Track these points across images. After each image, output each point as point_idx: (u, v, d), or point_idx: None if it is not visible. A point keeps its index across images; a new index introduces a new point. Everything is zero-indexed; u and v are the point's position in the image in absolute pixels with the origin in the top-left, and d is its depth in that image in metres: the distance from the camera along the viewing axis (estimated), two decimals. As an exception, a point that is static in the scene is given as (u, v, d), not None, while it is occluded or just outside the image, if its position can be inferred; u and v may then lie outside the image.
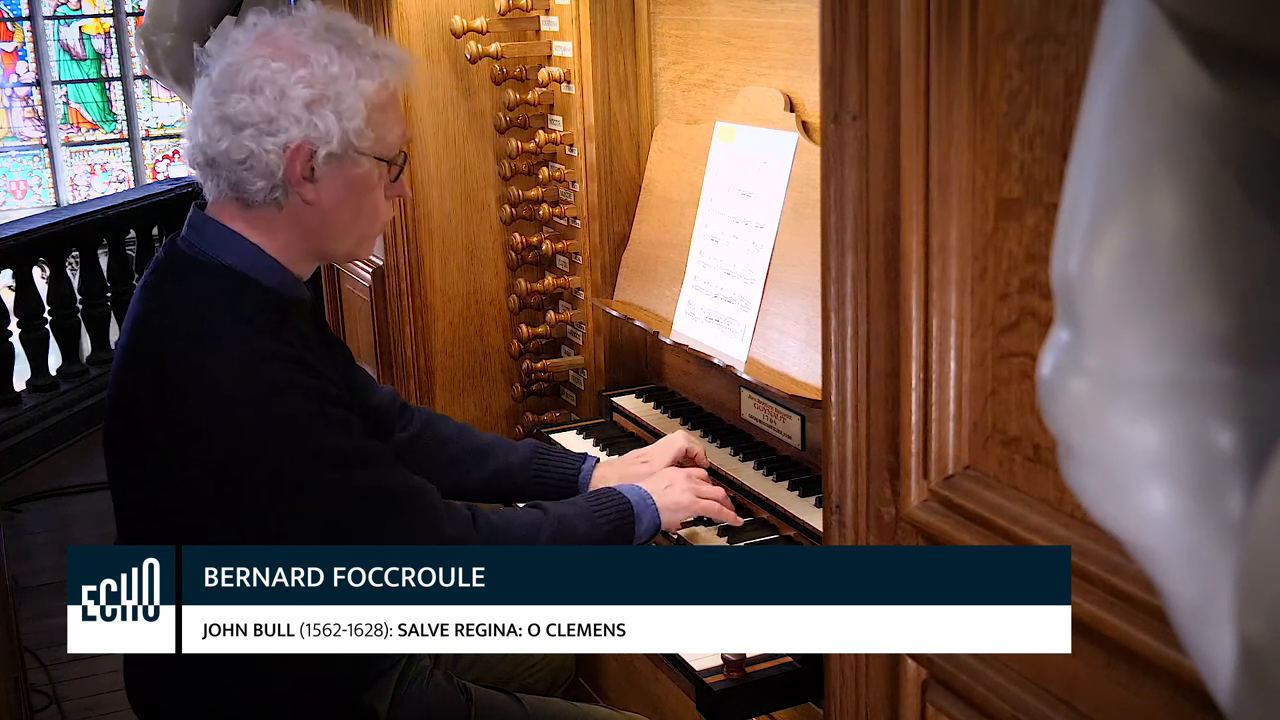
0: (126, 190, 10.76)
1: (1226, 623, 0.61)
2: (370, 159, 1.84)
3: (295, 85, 1.76)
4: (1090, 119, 0.67)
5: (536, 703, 2.22)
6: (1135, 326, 0.64)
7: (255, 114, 1.76)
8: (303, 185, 1.80)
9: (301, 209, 1.83)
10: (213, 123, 1.78)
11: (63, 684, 3.83)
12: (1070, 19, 1.02)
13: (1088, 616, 1.07)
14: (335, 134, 1.78)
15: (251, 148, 1.76)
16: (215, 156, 1.79)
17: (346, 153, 1.81)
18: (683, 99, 2.59)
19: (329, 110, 1.78)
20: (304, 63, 1.78)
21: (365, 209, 1.89)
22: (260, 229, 1.84)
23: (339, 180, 1.83)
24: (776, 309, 2.21)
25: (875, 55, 1.23)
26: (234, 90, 1.77)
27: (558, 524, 1.92)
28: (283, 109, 1.76)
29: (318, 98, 1.77)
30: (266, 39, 1.81)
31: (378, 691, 2.03)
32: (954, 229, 1.18)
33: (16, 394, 5.91)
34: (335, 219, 1.86)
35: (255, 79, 1.76)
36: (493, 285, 3.00)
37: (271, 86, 1.76)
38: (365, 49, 1.84)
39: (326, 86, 1.78)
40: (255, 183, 1.79)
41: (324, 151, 1.78)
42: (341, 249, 1.94)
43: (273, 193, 1.80)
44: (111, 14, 12.71)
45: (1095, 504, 0.68)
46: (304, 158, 1.78)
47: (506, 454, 2.27)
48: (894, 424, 1.29)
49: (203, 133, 1.80)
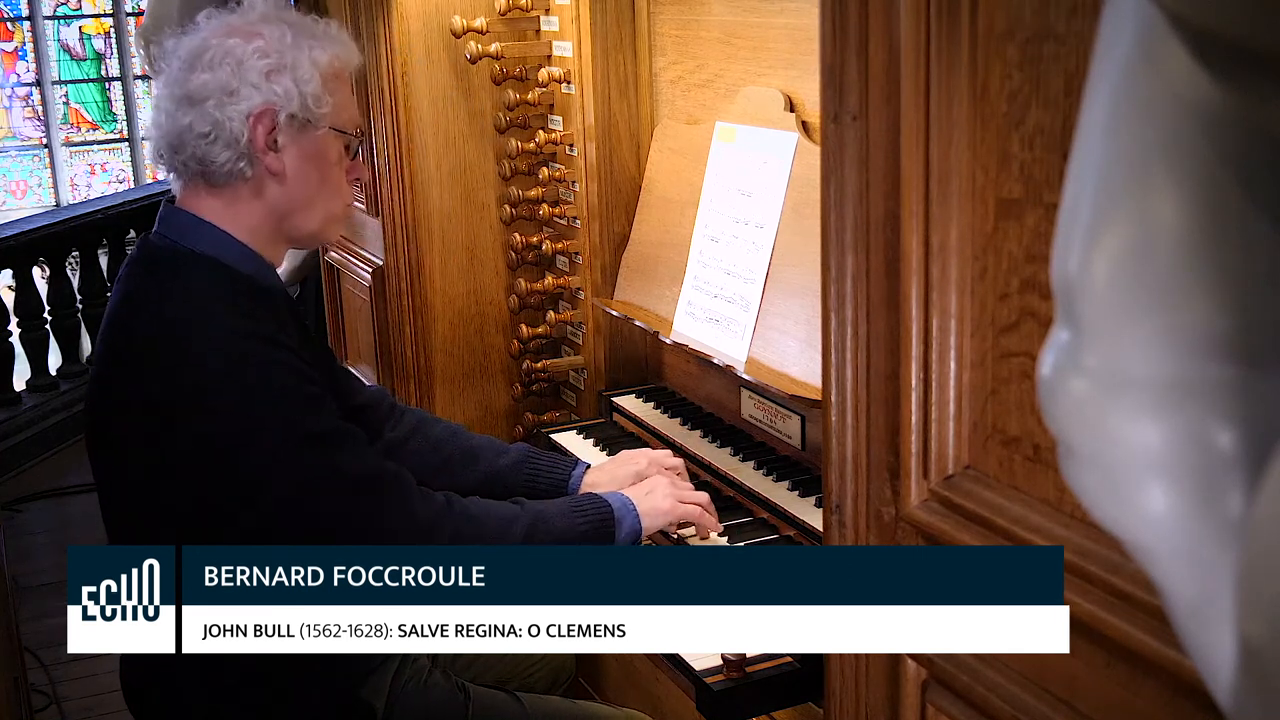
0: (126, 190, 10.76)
1: (1226, 623, 0.61)
2: (329, 131, 1.90)
3: (252, 56, 1.83)
4: (1090, 119, 0.67)
5: (535, 701, 2.22)
6: (1135, 326, 0.64)
7: (214, 86, 1.82)
8: (267, 154, 1.84)
9: (266, 181, 1.86)
10: (174, 106, 1.83)
11: (63, 684, 3.84)
12: (1070, 19, 1.02)
13: (1088, 616, 1.07)
14: (295, 97, 1.84)
15: (215, 116, 1.81)
16: (179, 135, 1.83)
17: (307, 118, 1.86)
18: (683, 99, 2.59)
19: (286, 76, 1.84)
20: (259, 37, 1.85)
21: (329, 183, 1.93)
22: (229, 211, 1.87)
23: (301, 149, 1.87)
24: (776, 309, 2.21)
25: (875, 55, 1.23)
26: (193, 71, 1.83)
27: (534, 518, 1.93)
28: (242, 78, 1.82)
29: (275, 66, 1.84)
30: (219, 26, 1.88)
31: (375, 689, 2.03)
32: (954, 229, 1.18)
33: (16, 394, 5.92)
34: (300, 191, 1.89)
35: (212, 56, 1.82)
36: (493, 285, 3.00)
37: (229, 58, 1.82)
38: (314, 29, 1.92)
39: (282, 56, 1.85)
40: (220, 155, 1.82)
41: (285, 114, 1.84)
42: (308, 226, 1.95)
43: (238, 163, 1.84)
44: (111, 14, 12.72)
45: (1095, 504, 0.68)
46: (267, 124, 1.83)
47: (497, 457, 2.28)
48: (894, 424, 1.29)
49: (165, 118, 1.85)
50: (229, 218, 1.87)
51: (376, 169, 2.98)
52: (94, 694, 3.76)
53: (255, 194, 1.87)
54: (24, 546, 4.81)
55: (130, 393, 1.79)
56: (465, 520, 1.87)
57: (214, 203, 1.87)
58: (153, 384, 1.76)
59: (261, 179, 1.86)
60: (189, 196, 1.89)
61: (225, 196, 1.86)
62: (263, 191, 1.87)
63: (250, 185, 1.86)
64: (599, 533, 1.99)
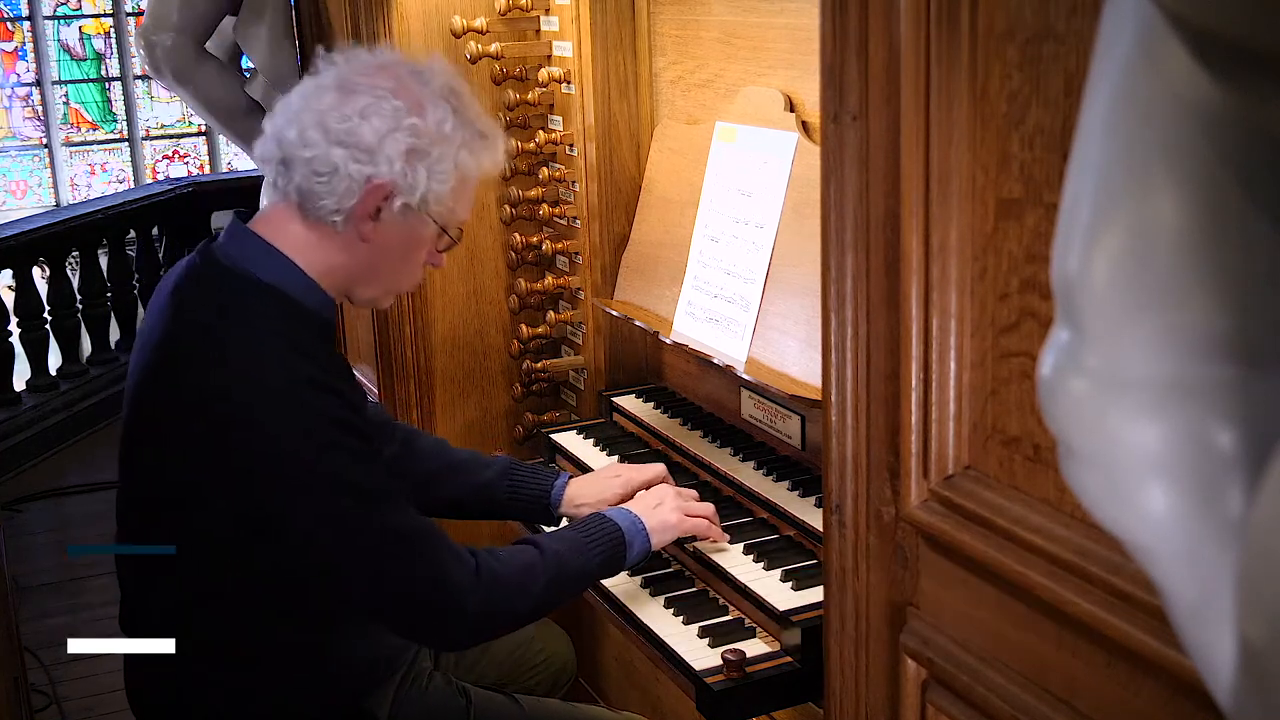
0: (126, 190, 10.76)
1: (1226, 623, 0.61)
2: (434, 225, 1.86)
3: (404, 130, 1.76)
4: (1090, 119, 0.66)
5: (534, 704, 2.22)
6: (1135, 326, 0.64)
7: (355, 138, 1.75)
8: (365, 221, 1.80)
9: (353, 242, 1.82)
10: (310, 126, 1.77)
11: (63, 684, 3.83)
12: (1070, 19, 1.02)
13: (1088, 616, 1.06)
14: (419, 190, 1.79)
15: (337, 164, 1.75)
16: (297, 161, 1.78)
17: (420, 210, 1.81)
18: (683, 99, 2.59)
19: (423, 166, 1.78)
20: (420, 112, 1.78)
21: (408, 265, 1.90)
22: (308, 245, 1.82)
23: (399, 230, 1.83)
24: (776, 309, 2.21)
25: (875, 55, 1.23)
26: (343, 106, 1.76)
27: (554, 562, 1.91)
28: (382, 145, 1.75)
29: (419, 150, 1.78)
30: (392, 74, 1.81)
31: (379, 699, 2.03)
32: (954, 229, 1.18)
33: (16, 394, 5.91)
34: (378, 264, 1.86)
35: (367, 106, 1.76)
36: (493, 285, 3.00)
37: (381, 119, 1.75)
38: (475, 123, 1.85)
39: (431, 144, 1.78)
40: (324, 199, 1.77)
41: (400, 201, 1.79)
42: (367, 293, 1.92)
43: (334, 215, 1.79)
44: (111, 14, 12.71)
45: (1095, 504, 0.68)
46: (379, 198, 1.78)
47: (481, 470, 2.27)
48: (894, 424, 1.29)
49: (295, 131, 1.77)
50: (304, 250, 1.82)
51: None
52: (94, 694, 3.76)
53: (338, 245, 1.82)
54: (24, 546, 4.81)
55: (179, 412, 1.77)
56: (492, 579, 1.84)
57: (298, 230, 1.81)
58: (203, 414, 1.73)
59: (350, 237, 1.81)
60: (276, 213, 1.83)
61: (312, 231, 1.81)
62: (346, 247, 1.82)
63: (338, 237, 1.81)
64: (612, 558, 2.00)
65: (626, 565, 2.03)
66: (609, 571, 2.02)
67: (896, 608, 1.35)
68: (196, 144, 13.11)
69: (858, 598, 1.40)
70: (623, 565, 2.02)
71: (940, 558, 1.27)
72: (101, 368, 6.33)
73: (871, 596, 1.38)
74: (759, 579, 2.01)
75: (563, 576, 1.92)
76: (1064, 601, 1.09)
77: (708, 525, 2.10)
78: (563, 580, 1.93)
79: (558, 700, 2.36)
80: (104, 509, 1.99)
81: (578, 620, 2.95)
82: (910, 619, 1.33)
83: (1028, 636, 1.17)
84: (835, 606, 1.44)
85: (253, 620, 1.85)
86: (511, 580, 1.87)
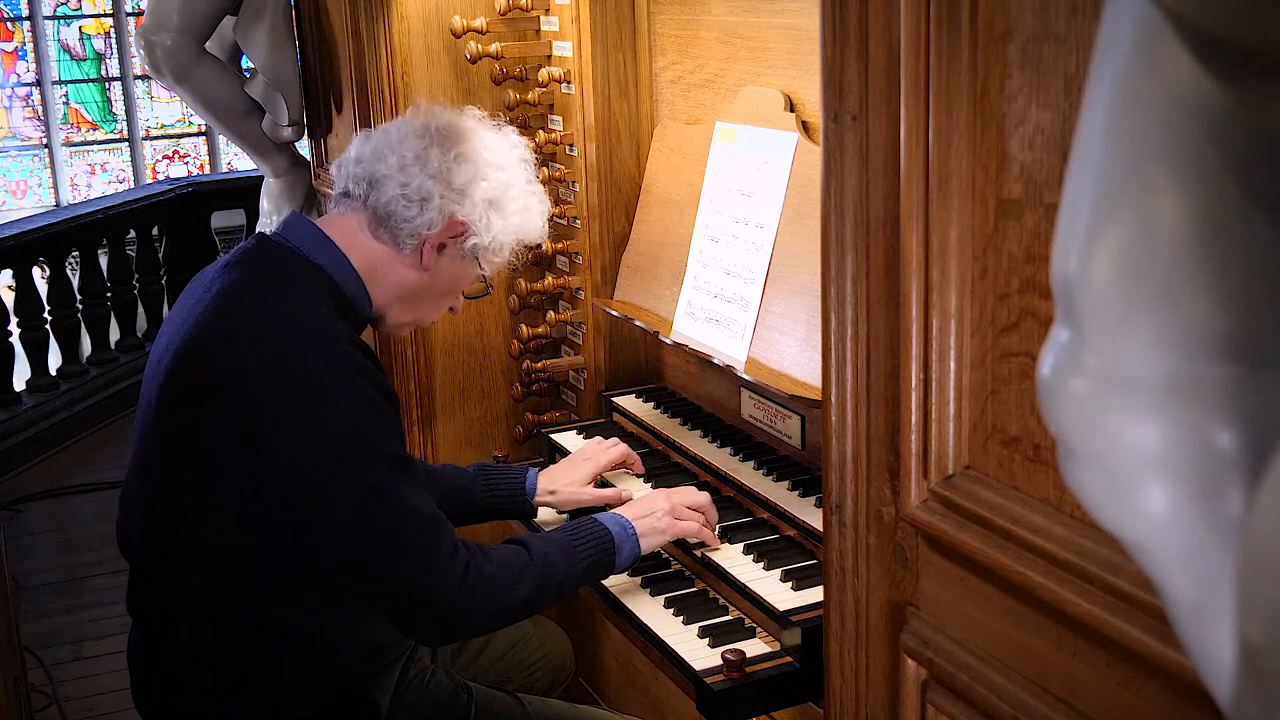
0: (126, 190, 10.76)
1: (1226, 623, 0.61)
2: (483, 271, 2.05)
3: (491, 181, 1.97)
4: (1090, 119, 0.66)
5: (536, 703, 2.23)
6: (1135, 326, 0.64)
7: (449, 176, 1.94)
8: (431, 251, 1.97)
9: (412, 265, 1.99)
10: (411, 161, 1.94)
11: (63, 684, 3.83)
12: (1070, 19, 1.02)
13: (1088, 616, 1.07)
14: (487, 236, 1.98)
15: (426, 197, 1.93)
16: (387, 179, 1.94)
17: (479, 255, 2.00)
18: (683, 99, 2.59)
19: (498, 216, 1.98)
20: (506, 169, 2.02)
21: (442, 301, 2.09)
22: (368, 249, 1.97)
23: (454, 267, 2.02)
24: (776, 309, 2.21)
25: (875, 55, 1.23)
26: (439, 147, 1.95)
27: (542, 564, 1.95)
28: (469, 191, 1.96)
29: (498, 201, 1.98)
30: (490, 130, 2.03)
31: (381, 686, 2.04)
32: (954, 229, 1.18)
33: (16, 394, 5.91)
34: (423, 293, 2.03)
35: (463, 153, 1.97)
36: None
37: (473, 168, 1.96)
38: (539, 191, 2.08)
39: (510, 201, 2.00)
40: (404, 222, 1.94)
41: (471, 242, 1.98)
42: (399, 318, 2.08)
43: (410, 238, 1.96)
44: (111, 14, 12.71)
45: (1095, 504, 0.68)
46: (454, 234, 1.97)
47: (456, 477, 2.35)
48: (894, 424, 1.29)
49: (395, 159, 1.94)
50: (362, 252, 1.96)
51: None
52: (94, 694, 3.76)
53: (397, 262, 1.98)
54: (24, 546, 4.81)
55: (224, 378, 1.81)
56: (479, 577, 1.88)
57: (365, 237, 1.97)
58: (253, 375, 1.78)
59: (412, 260, 1.98)
60: (345, 218, 1.98)
61: (377, 242, 1.97)
62: (402, 267, 1.99)
63: (400, 256, 1.98)
64: (601, 564, 2.03)
65: (616, 569, 2.05)
66: (597, 575, 2.04)
67: (896, 607, 1.35)
68: (196, 144, 13.11)
69: (858, 598, 1.40)
70: (612, 569, 2.04)
71: (940, 557, 1.27)
72: (101, 368, 6.33)
73: (871, 596, 1.38)
74: (759, 579, 2.01)
75: (549, 579, 1.95)
76: (1064, 601, 1.09)
77: (699, 528, 2.11)
78: (549, 582, 1.95)
79: (559, 699, 2.37)
80: (104, 509, 2.00)
81: (577, 620, 2.95)
82: (910, 619, 1.33)
83: (1028, 636, 1.17)
84: (835, 606, 1.44)
85: (254, 603, 1.87)
86: (498, 580, 1.90)
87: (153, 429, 1.90)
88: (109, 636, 4.01)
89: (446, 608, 1.86)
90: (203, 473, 1.82)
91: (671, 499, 2.12)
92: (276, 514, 1.81)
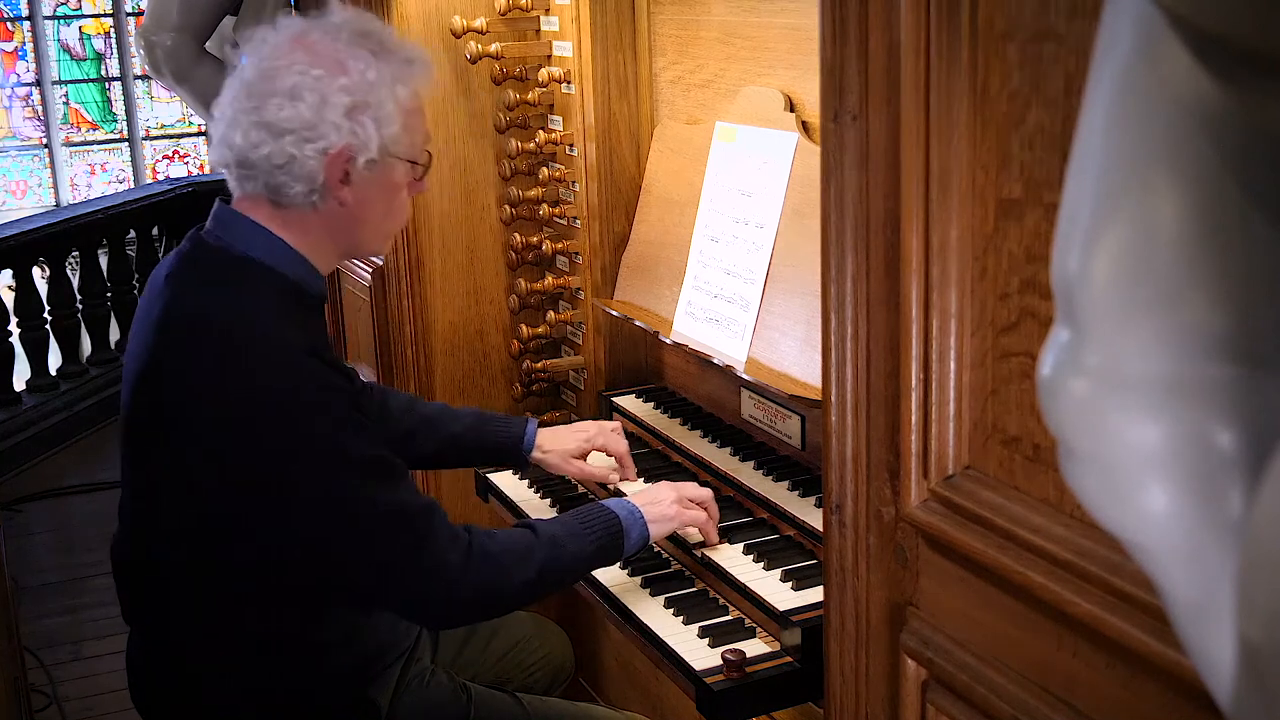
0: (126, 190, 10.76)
1: (1226, 623, 0.61)
2: (403, 162, 1.90)
3: (336, 93, 1.80)
4: (1090, 119, 0.66)
5: (535, 702, 2.23)
6: (1135, 326, 0.64)
7: (296, 120, 1.79)
8: (340, 189, 1.85)
9: (335, 211, 1.87)
10: (251, 127, 1.80)
11: (63, 684, 3.83)
12: (1070, 19, 1.02)
13: (1088, 616, 1.07)
14: (374, 141, 1.83)
15: (293, 153, 1.80)
16: (254, 161, 1.82)
17: (383, 158, 1.85)
18: (683, 99, 2.59)
19: (368, 118, 1.82)
20: (343, 70, 1.81)
21: (394, 208, 1.95)
22: (291, 227, 1.87)
23: (373, 183, 1.87)
24: (776, 309, 2.21)
25: (875, 55, 1.23)
26: (273, 95, 1.79)
27: (549, 545, 1.93)
28: (324, 116, 1.79)
29: (358, 105, 1.81)
30: (303, 43, 1.83)
31: (381, 687, 2.03)
32: (954, 229, 1.18)
33: (16, 394, 5.91)
34: (366, 219, 1.91)
35: (295, 85, 1.79)
36: (493, 285, 3.00)
37: (312, 93, 1.79)
38: (397, 54, 1.88)
39: (366, 94, 1.82)
40: (293, 186, 1.82)
41: (363, 159, 1.83)
42: (368, 246, 2.00)
43: (309, 196, 1.84)
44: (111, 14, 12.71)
45: (1095, 504, 0.68)
46: (343, 163, 1.83)
47: (452, 422, 2.34)
48: (894, 424, 1.29)
49: (240, 136, 1.81)
50: (291, 232, 1.87)
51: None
52: (94, 694, 3.76)
53: (322, 221, 1.88)
54: (24, 546, 4.81)
55: (186, 398, 1.78)
56: (484, 558, 1.86)
57: (275, 217, 1.87)
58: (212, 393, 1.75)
59: (332, 210, 1.87)
60: (250, 205, 1.88)
61: (289, 215, 1.86)
62: (328, 218, 1.88)
63: (319, 214, 1.87)
64: (610, 547, 2.01)
65: (625, 554, 2.03)
66: (605, 559, 2.03)
67: (896, 608, 1.35)
68: (196, 144, 13.10)
69: (858, 598, 1.40)
70: (620, 554, 2.02)
71: (940, 557, 1.27)
72: (101, 368, 6.33)
73: (871, 596, 1.38)
74: (759, 579, 2.01)
75: (557, 560, 1.93)
76: (1064, 601, 1.09)
77: (705, 520, 2.11)
78: (557, 564, 1.93)
79: (559, 699, 2.37)
80: (104, 509, 2.00)
81: (577, 620, 2.95)
82: (910, 619, 1.33)
83: (1028, 636, 1.17)
84: (835, 606, 1.44)
85: (252, 607, 1.86)
86: (505, 560, 1.88)
87: (125, 448, 1.92)
88: (109, 636, 4.01)
89: (455, 590, 1.84)
90: (181, 493, 1.81)
91: (677, 489, 2.12)
92: (260, 532, 1.79)
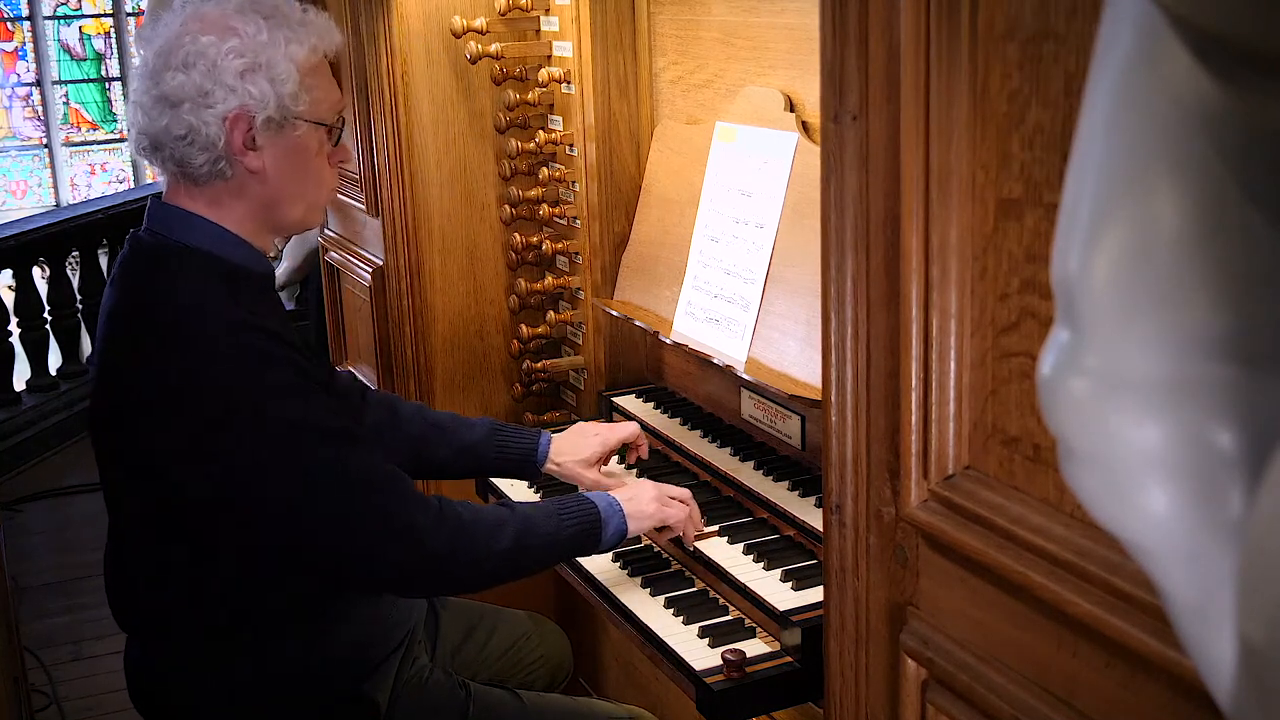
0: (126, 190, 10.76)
1: (1226, 623, 0.61)
2: (308, 124, 1.88)
3: (226, 56, 1.79)
4: (1090, 119, 0.66)
5: (535, 698, 2.23)
6: (1135, 326, 0.64)
7: (190, 88, 1.79)
8: (245, 154, 1.83)
9: (247, 179, 1.85)
10: (151, 104, 1.81)
11: (63, 684, 3.83)
12: (1070, 19, 1.02)
13: (1088, 616, 1.06)
14: (271, 99, 1.81)
15: (190, 121, 1.79)
16: (157, 136, 1.82)
17: (284, 118, 1.84)
18: (683, 99, 2.59)
19: (262, 77, 1.81)
20: (233, 34, 1.81)
21: (310, 174, 1.92)
22: (215, 206, 1.86)
23: (279, 147, 1.85)
24: (776, 309, 2.21)
25: (875, 55, 1.23)
26: (168, 69, 1.80)
27: (523, 522, 1.93)
28: (217, 80, 1.79)
29: (250, 66, 1.80)
30: (194, 17, 1.84)
31: (379, 684, 2.03)
32: (954, 229, 1.18)
33: (16, 394, 5.91)
34: (281, 187, 1.88)
35: (187, 55, 1.79)
36: (493, 285, 3.00)
37: (203, 60, 1.79)
38: (291, 17, 1.88)
39: (257, 54, 1.81)
40: (197, 157, 1.81)
41: (261, 117, 1.81)
42: (292, 216, 1.95)
43: (216, 164, 1.82)
44: (111, 14, 12.72)
45: (1095, 504, 0.68)
46: (243, 126, 1.81)
47: (466, 431, 2.32)
48: (894, 424, 1.29)
49: (143, 116, 1.82)
50: (216, 211, 1.87)
51: (376, 169, 2.98)
52: (94, 694, 3.76)
53: (238, 192, 1.86)
54: (24, 546, 4.81)
55: (134, 389, 1.80)
56: (457, 523, 1.87)
57: (199, 199, 1.86)
58: (156, 380, 1.76)
59: (242, 178, 1.85)
60: (175, 193, 1.88)
61: (209, 194, 1.86)
62: (245, 189, 1.86)
63: (231, 184, 1.85)
64: (585, 535, 2.00)
65: (602, 545, 2.03)
66: (581, 547, 2.02)
67: (896, 608, 1.35)
68: (196, 144, 13.10)
69: (858, 598, 1.40)
70: (598, 545, 2.02)
71: (940, 557, 1.27)
72: (101, 368, 6.32)
73: (871, 596, 1.38)
74: (759, 579, 2.01)
75: (530, 536, 1.92)
76: (1064, 601, 1.09)
77: (684, 518, 2.10)
78: (530, 541, 1.92)
79: (558, 695, 2.37)
80: (104, 509, 2.00)
81: (576, 620, 2.95)
82: (910, 619, 1.33)
83: (1028, 636, 1.17)
84: (835, 606, 1.44)
85: (234, 600, 1.87)
86: (476, 529, 1.88)
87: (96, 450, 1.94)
88: (109, 636, 4.01)
89: (424, 551, 1.83)
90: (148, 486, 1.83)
91: (659, 488, 2.12)
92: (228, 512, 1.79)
